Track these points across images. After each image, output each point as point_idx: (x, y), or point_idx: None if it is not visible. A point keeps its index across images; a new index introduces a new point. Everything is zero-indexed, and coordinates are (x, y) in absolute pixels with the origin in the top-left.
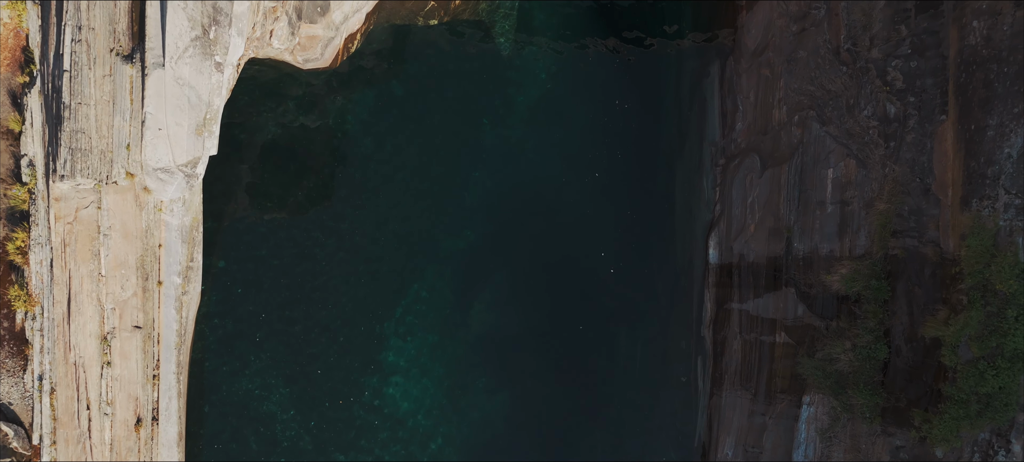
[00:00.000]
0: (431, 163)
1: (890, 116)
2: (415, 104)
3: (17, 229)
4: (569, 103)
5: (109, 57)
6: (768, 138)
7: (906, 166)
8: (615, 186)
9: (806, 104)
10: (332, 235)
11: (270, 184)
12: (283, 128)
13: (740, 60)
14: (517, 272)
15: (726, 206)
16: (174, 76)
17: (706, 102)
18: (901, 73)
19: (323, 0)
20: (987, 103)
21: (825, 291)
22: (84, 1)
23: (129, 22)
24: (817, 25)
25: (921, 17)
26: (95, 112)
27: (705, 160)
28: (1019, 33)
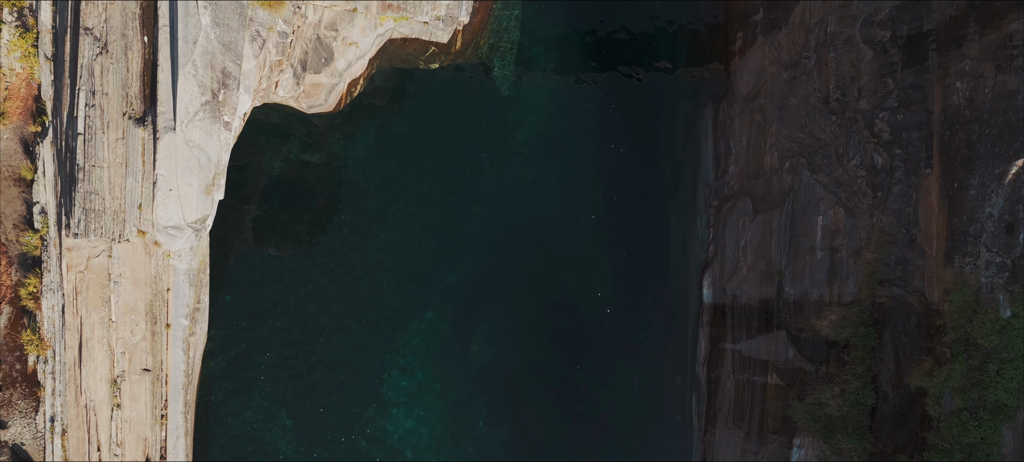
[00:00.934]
0: (431, 198)
1: (877, 167)
2: (416, 141)
3: (30, 275)
4: (567, 140)
5: (122, 121)
6: (760, 182)
7: (892, 216)
8: (611, 223)
9: (797, 151)
10: (334, 269)
11: (274, 220)
12: (287, 165)
13: (733, 104)
14: (515, 307)
15: (719, 247)
16: (185, 139)
17: (700, 144)
18: (888, 125)
19: (327, 50)
20: (970, 163)
21: (815, 335)
22: (98, 67)
23: (141, 86)
24: (807, 74)
25: (907, 71)
26: (108, 174)
27: (699, 201)
28: (1000, 97)
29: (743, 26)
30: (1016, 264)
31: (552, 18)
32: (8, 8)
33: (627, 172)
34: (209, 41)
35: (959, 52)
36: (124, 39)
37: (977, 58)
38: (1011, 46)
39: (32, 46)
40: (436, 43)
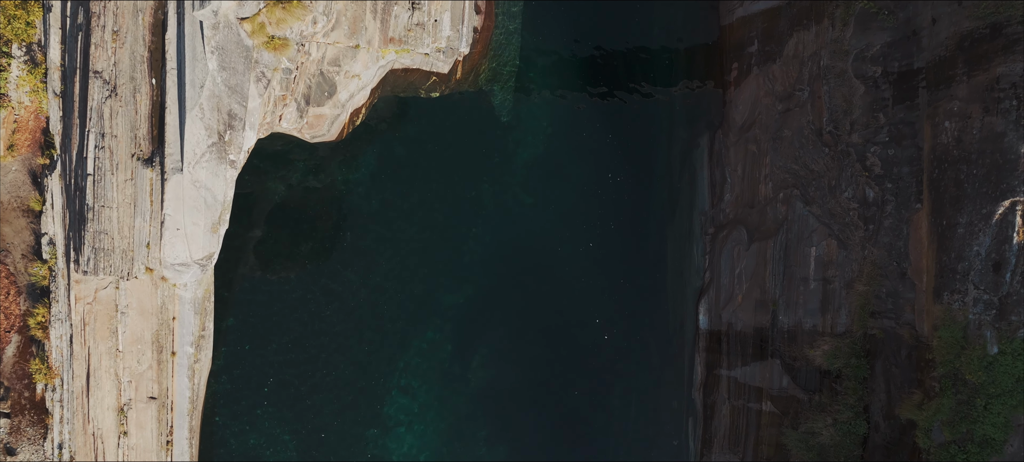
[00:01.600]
0: (432, 220)
1: (869, 200)
2: (416, 164)
3: (38, 305)
4: (565, 164)
5: (130, 162)
6: (755, 212)
7: (884, 250)
8: (608, 247)
9: (791, 182)
10: (336, 291)
11: (278, 243)
12: (290, 189)
13: (728, 133)
14: (514, 329)
15: (715, 274)
16: (192, 180)
17: (696, 172)
18: (879, 159)
19: (330, 84)
20: (958, 202)
21: (808, 364)
22: (107, 109)
23: (149, 127)
24: (801, 106)
25: (898, 107)
26: (117, 214)
27: (695, 228)
28: (987, 138)
29: (738, 57)
30: (1003, 302)
31: (551, 47)
32: (17, 44)
33: (624, 197)
34: (216, 85)
35: (948, 92)
36: (133, 82)
37: (965, 99)
38: (998, 89)
39: (41, 81)
40: (437, 73)
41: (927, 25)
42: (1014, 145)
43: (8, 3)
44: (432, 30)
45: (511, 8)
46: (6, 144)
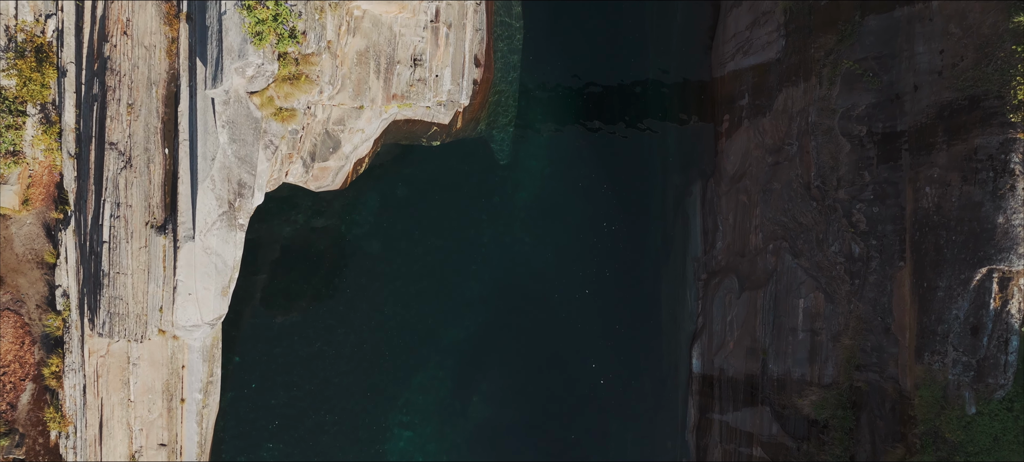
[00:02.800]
0: (433, 259)
1: (855, 255)
2: (418, 205)
3: (53, 355)
4: (563, 204)
5: (144, 230)
6: (746, 261)
7: (869, 305)
8: (604, 288)
9: (780, 234)
10: (340, 329)
11: (283, 282)
12: (295, 230)
13: (720, 182)
14: (513, 367)
15: (708, 320)
16: (203, 247)
17: (689, 218)
18: (864, 216)
19: (335, 141)
20: (938, 266)
21: (797, 413)
22: (122, 180)
23: (162, 195)
24: (790, 160)
25: (882, 167)
26: (132, 281)
27: (688, 273)
28: (966, 207)
29: (729, 109)
30: (981, 364)
31: (548, 95)
32: (32, 103)
33: (620, 241)
34: (226, 157)
35: (928, 159)
36: (147, 153)
37: (945, 167)
38: (976, 160)
39: (55, 141)
40: (438, 123)
41: (909, 91)
42: (990, 215)
43: (24, 66)
44: (433, 85)
45: (509, 60)
46: (21, 198)
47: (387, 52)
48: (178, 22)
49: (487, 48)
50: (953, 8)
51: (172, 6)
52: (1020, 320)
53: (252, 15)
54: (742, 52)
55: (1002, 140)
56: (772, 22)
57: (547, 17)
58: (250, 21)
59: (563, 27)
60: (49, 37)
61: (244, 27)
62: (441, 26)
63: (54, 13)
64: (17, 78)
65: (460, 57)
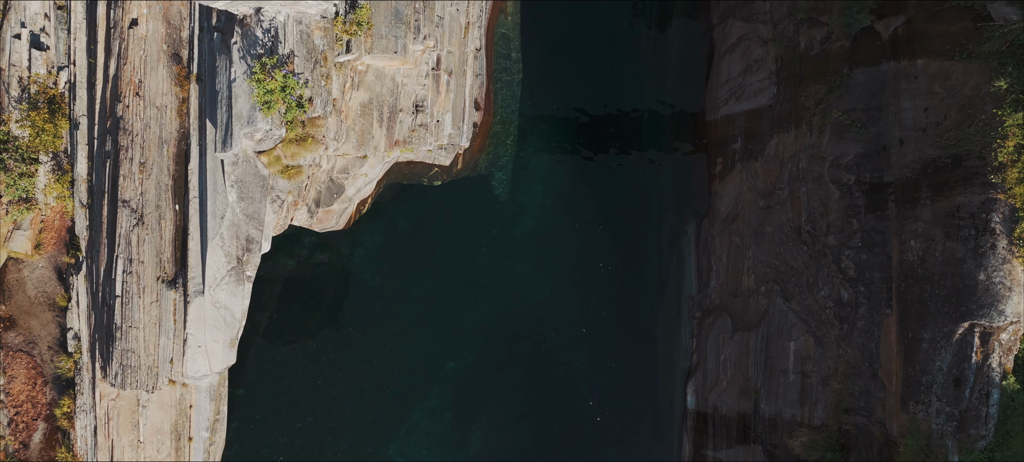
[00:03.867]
0: (433, 290)
1: (844, 301)
2: (419, 238)
3: (65, 396)
4: (561, 235)
5: (155, 285)
6: (738, 301)
7: (857, 350)
8: (601, 324)
9: (771, 276)
10: (342, 361)
11: (287, 316)
12: (298, 264)
13: (714, 223)
14: (512, 397)
15: (702, 358)
16: (212, 301)
17: (684, 257)
18: (853, 263)
19: (339, 187)
20: (922, 318)
21: (788, 453)
22: (135, 237)
23: (173, 250)
24: (781, 204)
25: (870, 216)
26: (143, 334)
27: (683, 311)
28: (949, 262)
29: (722, 152)
30: (963, 415)
31: (546, 133)
32: (44, 151)
33: (616, 277)
34: (235, 215)
35: (913, 213)
36: (158, 210)
37: (929, 222)
38: (959, 217)
39: (67, 189)
40: (439, 165)
41: (895, 144)
42: (972, 272)
43: (37, 117)
44: (435, 130)
45: (509, 102)
46: (33, 243)
47: (390, 101)
48: (189, 83)
49: (487, 92)
50: (937, 68)
51: (182, 68)
52: (1001, 374)
53: (261, 86)
54: (735, 97)
55: (983, 200)
56: (764, 70)
57: (545, 62)
58: (259, 91)
59: (561, 70)
60: (61, 88)
61: (253, 96)
62: (442, 74)
63: (66, 66)
64: (30, 129)
65: (461, 102)
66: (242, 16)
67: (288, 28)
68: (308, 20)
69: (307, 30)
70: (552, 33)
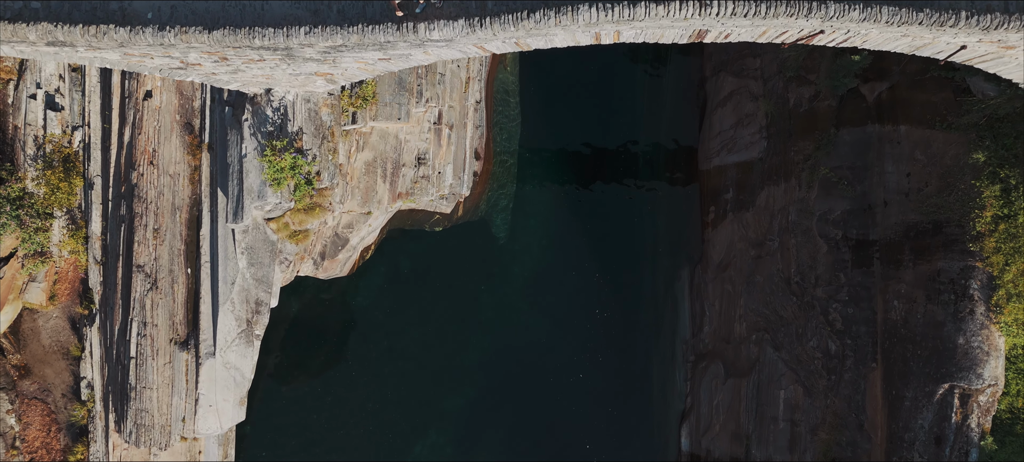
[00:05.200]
0: (434, 328)
1: (831, 352)
2: (420, 277)
3: (78, 443)
4: (559, 274)
5: (168, 346)
6: (731, 347)
7: (844, 401)
8: (598, 363)
9: (762, 325)
10: (346, 398)
11: (292, 356)
12: (303, 304)
13: (707, 269)
14: (511, 435)
15: (696, 401)
16: (223, 362)
17: (678, 302)
18: (840, 315)
19: (343, 240)
20: (905, 376)
21: None
22: (148, 301)
23: (185, 312)
24: (771, 255)
25: (856, 271)
26: (157, 395)
27: (677, 354)
28: (930, 324)
29: (715, 201)
30: None
31: (545, 182)
32: (58, 208)
33: (612, 321)
34: (245, 280)
35: (896, 274)
36: (171, 275)
37: (911, 283)
38: (939, 281)
39: (81, 244)
40: (441, 212)
41: (880, 205)
42: (952, 336)
43: (52, 177)
44: (436, 181)
45: (508, 151)
46: (48, 294)
47: (393, 157)
48: (200, 152)
49: (487, 142)
50: (919, 135)
51: (194, 137)
52: (979, 434)
53: (272, 166)
54: (727, 149)
55: (962, 266)
56: (755, 124)
57: (544, 109)
58: (269, 170)
59: (559, 117)
60: (76, 147)
61: (264, 174)
62: (444, 128)
63: (81, 126)
64: (45, 187)
65: (461, 153)
66: (253, 94)
67: (297, 106)
68: (316, 98)
69: (315, 107)
70: (550, 81)
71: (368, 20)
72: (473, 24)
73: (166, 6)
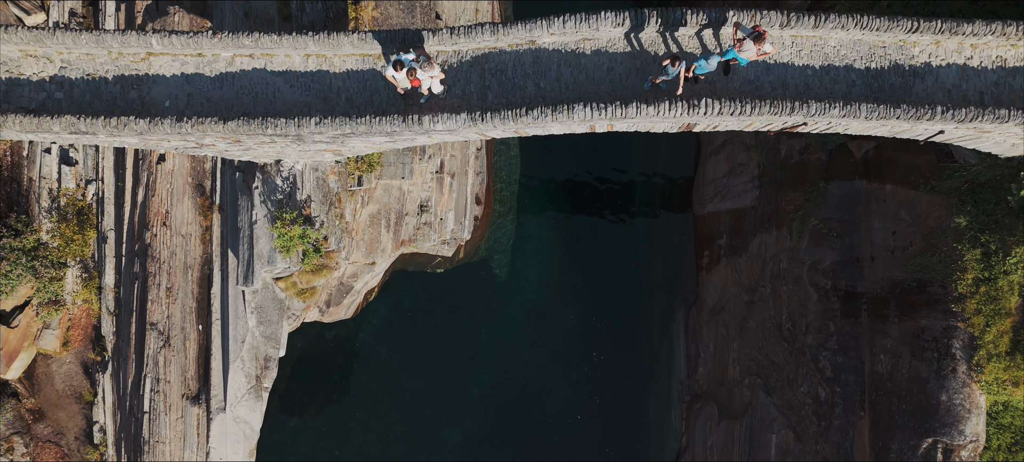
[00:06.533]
0: (436, 363)
1: (821, 399)
2: (422, 312)
3: None
4: (557, 307)
5: (181, 402)
6: (724, 390)
7: (833, 448)
8: (596, 402)
9: (755, 370)
10: (349, 434)
11: (296, 392)
12: (309, 341)
13: (701, 312)
14: None
15: (691, 441)
16: (233, 417)
17: (673, 343)
18: (830, 363)
19: (348, 288)
20: (890, 429)
21: None
22: (161, 358)
23: (197, 368)
24: (764, 301)
25: (845, 321)
26: (169, 449)
27: (673, 394)
28: (914, 380)
29: (709, 246)
30: None
31: (544, 222)
32: (72, 258)
33: (609, 363)
34: (255, 338)
35: (883, 328)
36: (183, 332)
37: (897, 339)
38: (923, 339)
39: (94, 294)
40: (442, 256)
41: (867, 259)
42: (935, 392)
43: (66, 230)
44: (438, 227)
45: (508, 194)
46: (61, 341)
47: (396, 208)
48: (211, 213)
49: (487, 187)
50: (904, 195)
51: (206, 198)
52: None
53: (282, 236)
54: (720, 196)
55: (945, 326)
56: (747, 173)
57: (541, 155)
58: (279, 239)
59: (556, 161)
60: (89, 200)
61: (273, 242)
62: (445, 177)
63: (95, 180)
64: (60, 239)
65: (462, 199)
66: (263, 163)
67: (305, 175)
68: (324, 167)
69: (323, 176)
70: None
71: (376, 109)
72: (475, 119)
73: (183, 94)
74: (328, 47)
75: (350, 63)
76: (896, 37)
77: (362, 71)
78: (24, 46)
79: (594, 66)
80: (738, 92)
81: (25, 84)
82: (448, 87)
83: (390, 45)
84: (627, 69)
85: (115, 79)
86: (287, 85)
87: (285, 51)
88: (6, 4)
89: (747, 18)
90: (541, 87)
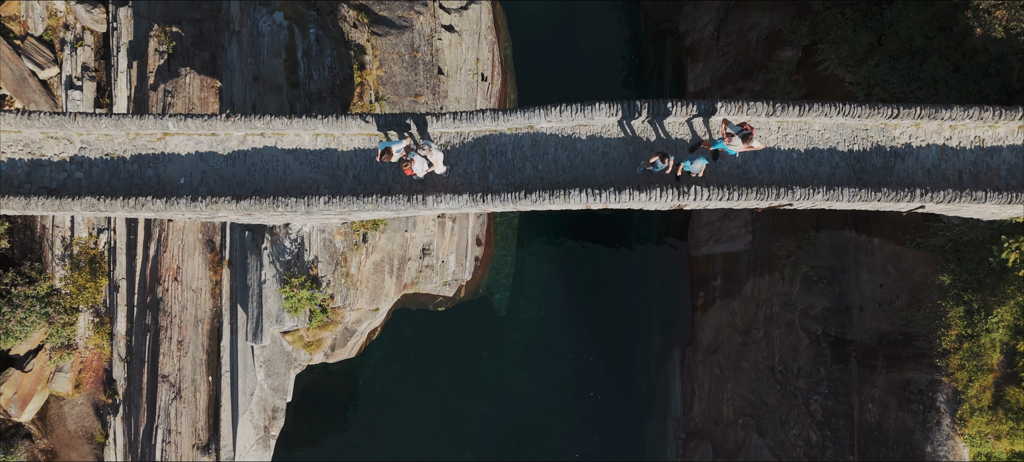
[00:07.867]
0: (436, 396)
1: (812, 442)
2: (423, 346)
3: None
4: (556, 347)
5: (191, 452)
6: (719, 429)
7: None
8: (592, 436)
9: (748, 411)
10: None
11: (300, 426)
12: (313, 376)
13: (697, 351)
14: None
15: None
16: None
17: (669, 381)
18: (820, 407)
19: (352, 332)
20: None
21: None
22: (173, 410)
23: (207, 418)
24: (757, 343)
25: (835, 366)
26: None
27: (669, 431)
28: (901, 431)
29: (704, 287)
30: None
31: (543, 262)
32: (84, 304)
33: (607, 402)
34: (263, 391)
35: (871, 378)
36: (193, 383)
37: (884, 389)
38: (909, 391)
39: (106, 339)
40: (443, 296)
41: (856, 309)
42: (920, 443)
43: (79, 278)
44: (440, 269)
45: (508, 235)
46: (73, 383)
47: (399, 254)
48: (221, 268)
49: (488, 228)
50: (891, 249)
51: (215, 254)
52: None
53: (290, 298)
54: (714, 239)
55: (930, 379)
56: (741, 218)
57: None
58: (287, 301)
59: None
60: (102, 248)
61: (282, 303)
62: (447, 220)
63: (107, 229)
64: (73, 287)
65: (464, 241)
66: (272, 225)
67: (313, 237)
68: (330, 227)
69: (330, 236)
70: None
71: (382, 187)
72: (476, 199)
73: (197, 171)
74: (336, 128)
75: (357, 142)
76: (878, 121)
77: (369, 149)
78: (46, 129)
79: (589, 150)
80: (726, 177)
81: (47, 164)
82: (450, 166)
83: (397, 127)
84: (621, 154)
85: (132, 158)
86: (297, 162)
87: (295, 131)
88: (20, 59)
89: (735, 110)
90: (539, 169)
